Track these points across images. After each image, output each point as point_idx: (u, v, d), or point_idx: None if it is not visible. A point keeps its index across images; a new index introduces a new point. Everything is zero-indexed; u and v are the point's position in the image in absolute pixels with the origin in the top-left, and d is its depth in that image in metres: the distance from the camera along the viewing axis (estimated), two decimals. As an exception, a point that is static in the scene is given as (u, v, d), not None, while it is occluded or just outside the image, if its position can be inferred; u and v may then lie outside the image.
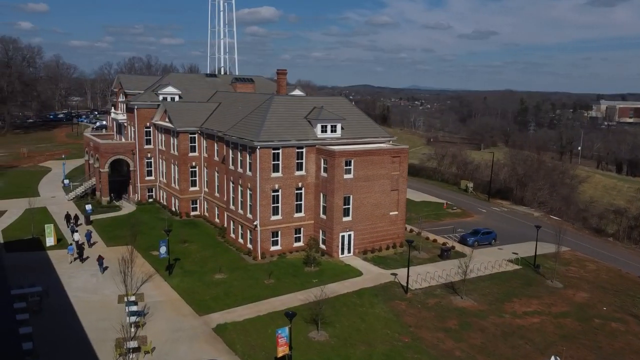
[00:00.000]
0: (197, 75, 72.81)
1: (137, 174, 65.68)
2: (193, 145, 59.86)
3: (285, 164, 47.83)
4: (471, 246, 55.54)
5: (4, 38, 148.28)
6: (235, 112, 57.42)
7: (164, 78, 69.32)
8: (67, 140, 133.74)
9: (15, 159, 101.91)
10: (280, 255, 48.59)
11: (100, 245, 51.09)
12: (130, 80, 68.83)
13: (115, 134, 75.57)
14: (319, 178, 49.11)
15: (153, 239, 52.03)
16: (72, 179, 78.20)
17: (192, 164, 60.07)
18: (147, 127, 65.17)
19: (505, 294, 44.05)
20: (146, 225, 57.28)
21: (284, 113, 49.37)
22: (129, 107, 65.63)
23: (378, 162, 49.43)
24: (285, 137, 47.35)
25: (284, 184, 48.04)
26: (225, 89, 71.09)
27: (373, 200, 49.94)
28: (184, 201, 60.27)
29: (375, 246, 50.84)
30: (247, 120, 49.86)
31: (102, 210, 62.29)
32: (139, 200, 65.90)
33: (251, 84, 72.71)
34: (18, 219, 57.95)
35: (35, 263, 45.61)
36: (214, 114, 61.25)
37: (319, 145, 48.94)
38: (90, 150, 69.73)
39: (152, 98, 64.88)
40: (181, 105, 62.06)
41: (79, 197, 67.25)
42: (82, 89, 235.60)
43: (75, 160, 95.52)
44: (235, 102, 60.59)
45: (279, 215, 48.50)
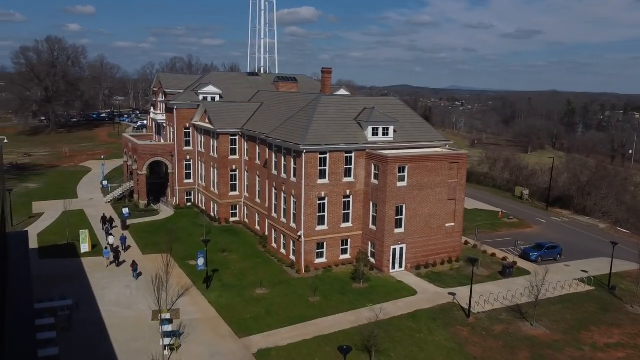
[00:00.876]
0: (238, 74, 69.91)
1: (176, 176, 63.16)
2: (234, 148, 56.75)
3: (333, 170, 43.94)
4: (534, 262, 50.33)
5: (49, 38, 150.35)
6: (279, 113, 53.94)
7: (204, 77, 66.64)
8: (108, 139, 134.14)
9: (57, 159, 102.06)
10: (326, 269, 44.74)
11: (136, 252, 48.47)
12: (170, 79, 66.51)
13: (154, 135, 73.51)
14: (368, 185, 45.02)
15: (190, 247, 49.15)
16: (111, 180, 76.65)
17: (232, 167, 56.98)
18: (187, 127, 62.55)
19: (581, 321, 38.80)
20: (184, 231, 54.51)
21: (332, 114, 45.49)
22: (169, 107, 63.20)
23: (434, 168, 44.92)
24: (333, 141, 43.46)
25: (330, 192, 44.17)
26: (267, 88, 67.85)
27: (428, 210, 45.47)
28: (223, 206, 57.24)
29: (429, 261, 46.34)
30: (292, 122, 46.23)
31: (140, 214, 59.99)
32: (177, 204, 63.37)
33: (294, 83, 69.22)
34: (54, 222, 56.20)
35: (68, 271, 43.26)
36: (256, 114, 57.99)
37: (369, 150, 44.84)
38: (129, 151, 67.75)
39: (192, 98, 62.21)
40: (222, 105, 59.09)
41: (117, 199, 65.30)
42: (125, 89, 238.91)
43: (116, 160, 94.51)
44: (278, 103, 57.15)
45: (325, 225, 44.66)
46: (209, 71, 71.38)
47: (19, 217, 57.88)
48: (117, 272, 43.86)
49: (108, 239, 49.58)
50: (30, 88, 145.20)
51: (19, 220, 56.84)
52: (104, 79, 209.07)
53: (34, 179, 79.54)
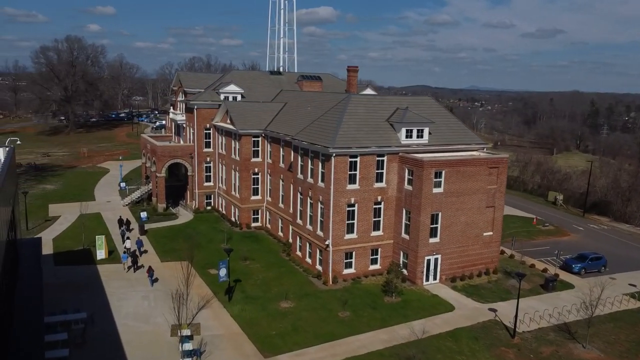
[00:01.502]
0: (260, 73, 67.40)
1: (195, 179, 60.83)
2: (256, 150, 54.18)
3: (363, 175, 41.04)
4: (577, 274, 46.85)
5: (69, 37, 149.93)
6: (304, 113, 51.24)
7: (225, 76, 64.24)
8: (127, 139, 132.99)
9: (75, 159, 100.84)
10: (355, 280, 41.86)
11: (154, 260, 46.09)
12: (190, 78, 64.23)
13: (173, 136, 71.37)
14: (401, 191, 42.02)
15: (211, 254, 46.72)
16: (129, 182, 74.77)
17: (254, 170, 54.40)
18: (207, 128, 60.18)
19: (637, 343, 35.32)
20: (204, 237, 52.08)
21: (363, 115, 42.60)
22: (189, 106, 60.91)
23: (473, 173, 41.76)
24: (364, 143, 40.57)
25: (361, 198, 41.28)
26: (290, 87, 65.21)
27: (465, 218, 42.32)
28: (244, 211, 54.68)
29: (465, 272, 43.19)
30: (319, 123, 43.45)
31: (158, 218, 57.76)
32: (196, 208, 61.04)
33: (319, 82, 66.45)
34: (71, 226, 54.21)
35: (84, 280, 41.04)
36: (279, 115, 55.36)
37: (402, 153, 41.85)
38: (147, 152, 65.66)
39: (213, 97, 59.81)
40: (244, 105, 56.57)
41: (135, 202, 63.21)
42: (144, 89, 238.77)
43: (134, 161, 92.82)
44: (303, 102, 54.44)
45: (354, 233, 41.78)
46: (229, 70, 68.78)
47: (34, 221, 56.06)
48: (134, 281, 41.51)
49: (125, 243, 47.58)
50: (49, 88, 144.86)
51: (35, 224, 55.00)
52: (123, 78, 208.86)
53: (51, 180, 78.06)
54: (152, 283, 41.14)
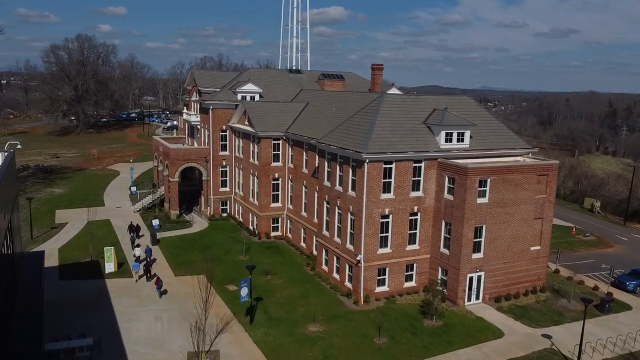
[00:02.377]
0: (279, 71, 63.53)
1: (210, 184, 57.07)
2: (276, 154, 50.28)
3: (399, 183, 36.95)
4: (632, 292, 42.43)
5: (80, 36, 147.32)
6: (329, 114, 47.29)
7: (242, 74, 60.43)
8: (138, 140, 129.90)
9: (85, 160, 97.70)
10: (388, 299, 37.78)
11: (167, 273, 42.32)
12: (205, 76, 60.52)
13: (186, 137, 67.70)
14: (440, 201, 37.89)
15: (229, 268, 42.93)
16: (140, 186, 71.30)
17: (274, 175, 50.51)
18: (223, 130, 56.40)
19: None
20: (220, 247, 48.29)
21: (398, 117, 38.51)
22: (203, 107, 57.17)
23: (520, 182, 37.52)
24: (400, 148, 36.48)
25: (395, 208, 37.19)
26: (310, 86, 61.31)
27: (511, 231, 38.09)
28: (263, 219, 50.80)
29: (510, 291, 38.96)
30: (349, 126, 39.42)
31: (171, 226, 54.06)
32: (211, 215, 57.27)
33: (341, 81, 62.47)
34: (78, 235, 50.63)
35: (91, 296, 37.33)
36: (301, 116, 51.45)
37: (442, 159, 37.71)
38: (159, 155, 62.03)
39: (230, 97, 56.03)
40: (263, 105, 52.70)
41: (146, 208, 59.58)
42: (155, 89, 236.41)
43: (145, 163, 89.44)
44: (327, 103, 50.46)
45: (388, 247, 37.71)
46: (245, 69, 65.02)
47: (40, 228, 52.62)
48: (145, 298, 37.72)
49: (134, 251, 44.30)
50: (60, 87, 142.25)
51: (40, 232, 51.54)
52: (134, 78, 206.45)
53: (59, 183, 74.80)
54: (161, 294, 37.98)
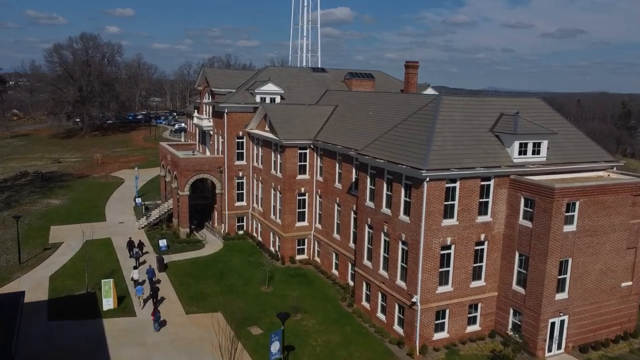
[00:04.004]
0: (301, 70, 56.56)
1: (225, 198, 50.12)
2: (303, 165, 43.28)
3: (464, 205, 29.82)
4: None
5: (84, 35, 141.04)
6: (364, 119, 40.25)
7: (260, 73, 53.47)
8: (144, 144, 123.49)
9: (87, 166, 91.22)
10: (449, 349, 30.63)
11: (177, 310, 35.34)
12: (218, 75, 53.58)
13: (197, 144, 60.83)
14: (513, 227, 30.71)
15: (251, 303, 36.03)
16: (146, 196, 64.70)
17: (300, 190, 43.49)
18: (240, 137, 49.47)
19: None
20: (238, 274, 41.34)
21: (460, 123, 31.36)
22: (217, 110, 50.27)
23: (613, 204, 30.29)
24: (466, 162, 29.36)
25: (459, 237, 30.07)
26: (336, 87, 54.36)
27: (601, 264, 30.87)
28: (287, 241, 43.79)
29: (598, 337, 31.71)
30: (398, 134, 32.30)
31: (180, 247, 47.16)
32: (226, 233, 50.32)
33: (371, 80, 55.45)
34: (74, 258, 43.78)
35: (84, 344, 30.45)
36: (330, 121, 44.46)
37: (515, 176, 30.55)
38: (167, 164, 55.19)
39: (247, 99, 49.10)
40: (287, 108, 45.71)
41: (152, 224, 52.73)
42: (162, 90, 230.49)
43: (151, 169, 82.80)
44: (360, 105, 43.41)
45: (449, 285, 30.58)
46: (263, 67, 58.08)
47: (31, 249, 45.90)
48: (151, 347, 30.71)
49: (132, 274, 38.55)
50: (64, 88, 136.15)
51: (31, 254, 44.80)
52: (140, 79, 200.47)
53: (58, 193, 68.19)
54: (159, 328, 32.20)
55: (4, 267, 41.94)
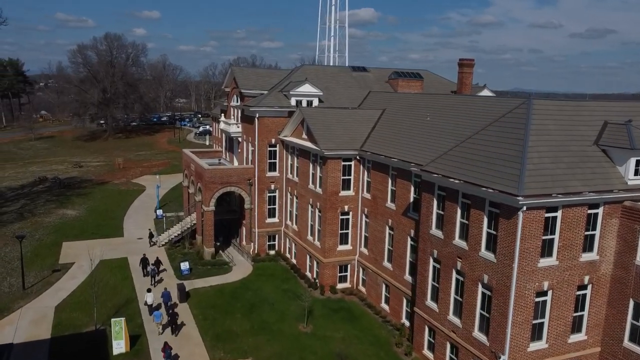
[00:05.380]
0: (340, 69, 50.45)
1: (255, 214, 44.31)
2: (347, 179, 37.10)
3: (566, 240, 23.22)
4: None
5: (108, 35, 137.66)
6: (421, 126, 33.89)
7: (295, 72, 47.54)
8: (167, 147, 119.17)
9: (108, 171, 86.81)
10: (542, 421, 24.04)
11: (200, 353, 29.51)
12: (248, 75, 47.80)
13: (223, 151, 55.20)
14: (626, 268, 23.97)
15: (287, 346, 30.11)
16: (167, 206, 59.54)
17: (343, 208, 37.31)
18: (272, 144, 43.62)
19: None
20: (271, 307, 35.37)
21: (557, 134, 24.76)
22: (247, 114, 44.51)
23: None
24: (572, 186, 22.76)
25: (558, 280, 23.48)
26: (379, 87, 48.15)
27: None
28: (327, 268, 37.65)
29: None
30: (474, 146, 25.86)
31: (204, 270, 41.47)
32: (255, 253, 44.50)
33: (419, 81, 49.03)
34: (84, 283, 38.36)
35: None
36: (378, 127, 38.23)
37: (630, 202, 23.81)
38: (191, 174, 49.67)
39: (281, 101, 43.21)
40: (327, 113, 39.61)
41: (173, 242, 47.23)
42: (187, 91, 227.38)
43: (174, 175, 77.98)
44: (412, 109, 37.04)
45: (543, 340, 23.99)
46: (298, 66, 52.17)
47: (38, 271, 40.80)
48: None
49: (146, 297, 33.82)
50: (87, 89, 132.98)
51: (37, 277, 39.67)
52: (165, 80, 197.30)
53: (75, 202, 63.47)
54: None
55: (6, 293, 36.82)
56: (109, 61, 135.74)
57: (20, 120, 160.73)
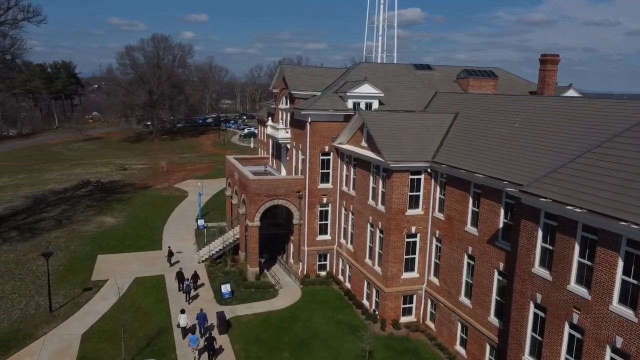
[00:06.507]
0: (401, 67, 44.85)
1: (305, 230, 39.34)
2: (415, 196, 31.50)
3: None
4: None
5: (155, 36, 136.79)
6: (507, 134, 27.96)
7: (351, 71, 42.30)
8: (212, 149, 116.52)
9: (151, 175, 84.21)
10: None
11: (242, 408, 24.73)
12: (299, 74, 42.91)
13: (270, 158, 50.55)
14: None
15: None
16: (209, 216, 55.61)
17: (410, 230, 31.71)
18: (326, 153, 38.54)
19: None
20: (324, 344, 30.21)
21: None
22: (297, 118, 39.63)
23: None
24: None
25: None
26: (447, 87, 42.32)
27: None
28: (390, 299, 32.14)
29: None
30: (597, 164, 19.83)
31: (247, 294, 36.78)
32: (304, 274, 39.52)
33: (493, 80, 42.90)
34: (115, 307, 34.26)
35: None
36: (451, 135, 32.48)
37: None
38: (234, 184, 45.26)
39: (336, 104, 38.09)
40: (392, 118, 34.14)
41: (214, 258, 42.89)
42: (233, 92, 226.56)
43: (217, 180, 74.20)
44: (492, 113, 31.06)
45: None
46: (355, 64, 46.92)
47: (69, 289, 37.24)
48: None
49: (179, 319, 30.16)
50: (134, 91, 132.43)
51: (66, 297, 36.05)
52: (211, 82, 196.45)
53: (115, 209, 60.46)
54: None
55: (32, 315, 33.27)
56: (155, 63, 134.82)
57: (72, 121, 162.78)
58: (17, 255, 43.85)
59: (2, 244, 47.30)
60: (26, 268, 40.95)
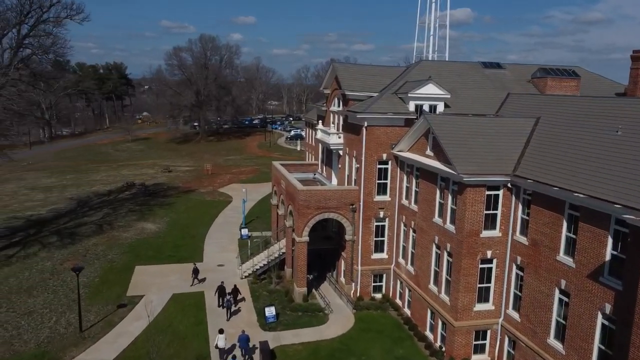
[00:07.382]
0: (467, 65, 40.02)
1: (359, 247, 35.21)
2: (492, 215, 26.81)
3: None
4: None
5: (203, 36, 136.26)
6: (609, 144, 22.85)
7: (412, 69, 37.85)
8: (257, 151, 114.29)
9: (196, 177, 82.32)
10: None
11: None
12: (353, 73, 38.80)
13: (319, 164, 46.70)
14: None
15: None
16: (254, 223, 52.49)
17: (485, 254, 27.04)
18: (383, 161, 34.29)
19: None
20: (382, 387, 26.03)
21: None
22: (351, 122, 35.59)
23: None
24: None
25: None
26: (520, 88, 37.25)
27: None
28: (459, 333, 27.56)
29: None
30: None
31: (294, 318, 33.00)
32: (357, 296, 35.39)
33: (575, 80, 37.43)
34: (150, 328, 31.25)
35: None
36: (534, 144, 27.60)
37: None
38: (281, 192, 41.67)
39: (396, 106, 33.80)
40: (463, 123, 29.54)
41: (258, 274, 39.40)
42: (279, 94, 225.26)
43: (262, 185, 71.26)
44: (583, 119, 25.95)
45: None
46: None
47: (102, 305, 34.59)
48: None
49: (217, 340, 27.35)
50: (181, 91, 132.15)
51: (99, 314, 33.37)
52: (258, 83, 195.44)
53: (157, 214, 58.25)
54: None
55: (61, 335, 30.66)
56: (203, 63, 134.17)
57: (122, 122, 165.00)
58: (53, 264, 41.85)
59: (41, 250, 45.59)
60: (60, 279, 38.72)
